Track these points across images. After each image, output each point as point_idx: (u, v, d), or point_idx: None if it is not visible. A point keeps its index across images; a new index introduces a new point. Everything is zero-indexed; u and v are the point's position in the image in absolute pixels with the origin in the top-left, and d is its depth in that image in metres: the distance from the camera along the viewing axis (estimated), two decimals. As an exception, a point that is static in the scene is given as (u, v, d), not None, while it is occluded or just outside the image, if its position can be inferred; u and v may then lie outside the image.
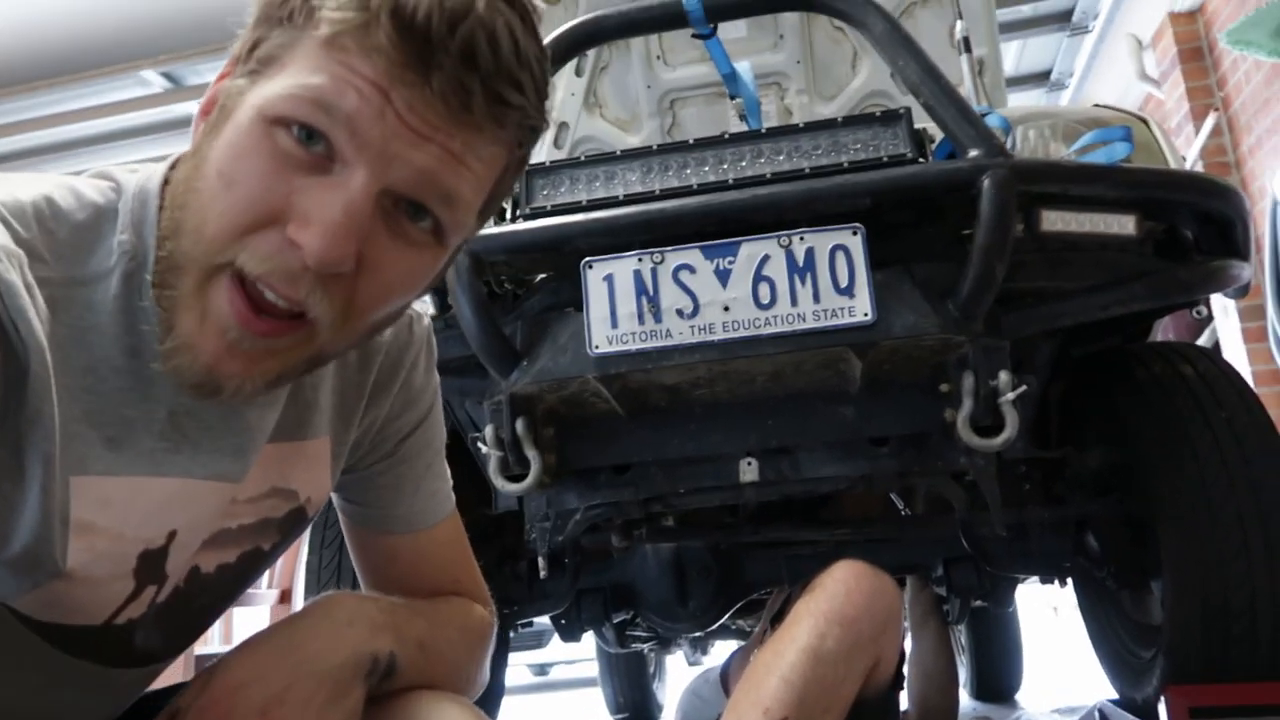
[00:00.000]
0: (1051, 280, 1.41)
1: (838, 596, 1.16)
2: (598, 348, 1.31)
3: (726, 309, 1.30)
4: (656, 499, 1.54)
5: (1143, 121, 1.62)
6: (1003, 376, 1.29)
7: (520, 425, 1.38)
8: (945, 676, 2.00)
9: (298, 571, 3.16)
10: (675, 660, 4.45)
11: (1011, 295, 1.37)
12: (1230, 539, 1.38)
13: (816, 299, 1.28)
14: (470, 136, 0.61)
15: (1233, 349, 4.16)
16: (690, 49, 2.58)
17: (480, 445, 1.42)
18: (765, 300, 1.29)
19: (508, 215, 1.53)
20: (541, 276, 1.48)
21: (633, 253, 1.32)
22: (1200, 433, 1.43)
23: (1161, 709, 1.39)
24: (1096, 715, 1.71)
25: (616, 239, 1.34)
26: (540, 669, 8.01)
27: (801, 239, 1.29)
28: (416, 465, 0.85)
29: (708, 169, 1.43)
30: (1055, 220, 1.35)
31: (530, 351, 1.38)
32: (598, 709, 3.84)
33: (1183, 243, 1.53)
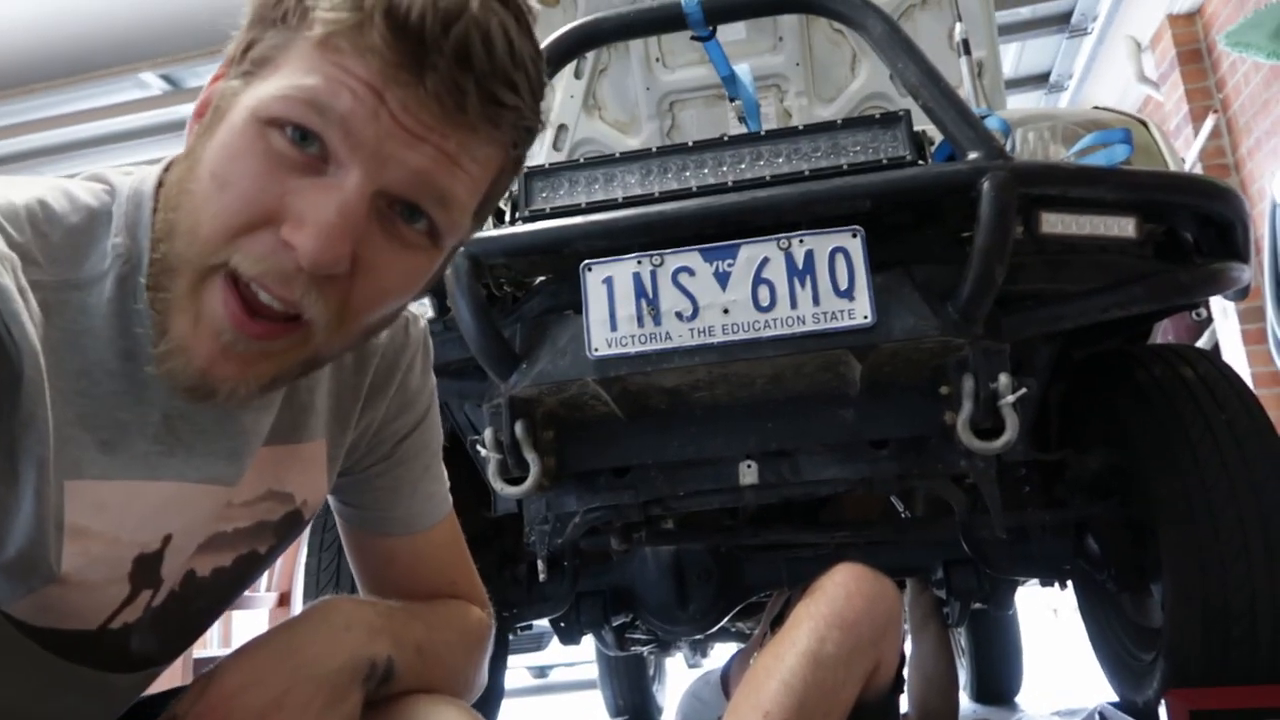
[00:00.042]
0: (1051, 282, 1.41)
1: (838, 600, 1.16)
2: (597, 350, 1.31)
3: (726, 311, 1.29)
4: (656, 502, 1.54)
5: (1142, 124, 1.62)
6: (1003, 379, 1.29)
7: (519, 428, 1.38)
8: (945, 679, 2.00)
9: (297, 574, 3.16)
10: (675, 663, 4.45)
11: (1011, 297, 1.37)
12: (1231, 541, 1.38)
13: (816, 301, 1.28)
14: (465, 137, 0.61)
15: (1232, 351, 4.16)
16: (689, 51, 2.58)
17: (479, 448, 1.42)
18: (765, 303, 1.29)
19: (507, 218, 1.53)
20: (541, 279, 1.48)
21: (632, 255, 1.32)
22: (1200, 435, 1.43)
23: (1162, 712, 1.39)
24: (1097, 718, 1.70)
25: (616, 241, 1.34)
26: (540, 671, 8.00)
27: (801, 241, 1.29)
28: (413, 467, 0.85)
29: (707, 171, 1.43)
30: (1055, 222, 1.35)
31: (529, 354, 1.37)
32: (597, 712, 3.84)
33: (1183, 245, 1.53)
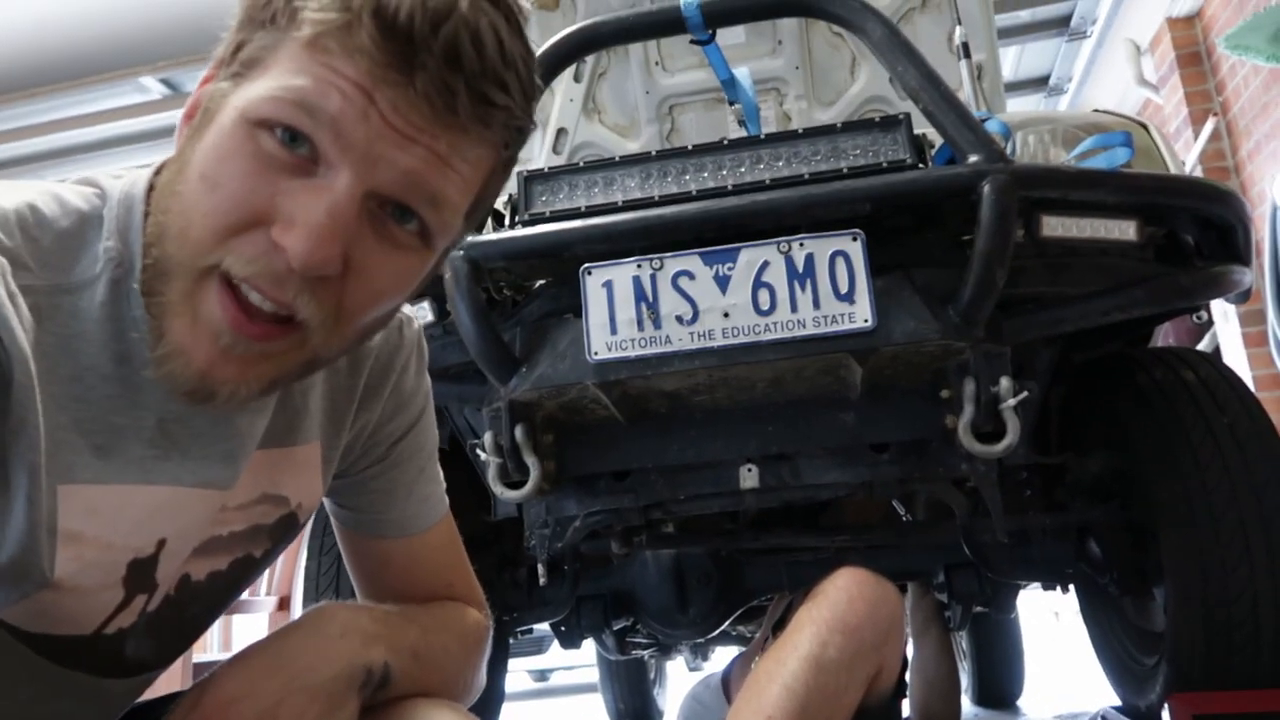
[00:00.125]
0: (1052, 286, 1.41)
1: (840, 604, 1.16)
2: (597, 354, 1.31)
3: (726, 315, 1.29)
4: (656, 505, 1.54)
5: (1142, 126, 1.62)
6: (1004, 382, 1.29)
7: (519, 432, 1.37)
8: (947, 683, 2.00)
9: (296, 578, 3.15)
10: (676, 666, 4.44)
11: (1012, 301, 1.36)
12: (1233, 545, 1.37)
13: (816, 305, 1.28)
14: (455, 138, 0.60)
15: (1233, 354, 4.16)
16: (689, 55, 2.58)
17: (479, 452, 1.41)
18: (765, 306, 1.29)
19: (507, 221, 1.53)
20: (540, 283, 1.48)
21: (632, 259, 1.32)
22: (1202, 438, 1.43)
23: (1165, 716, 1.38)
24: (1099, 722, 1.70)
25: (616, 245, 1.34)
26: (540, 675, 7.99)
27: (801, 245, 1.29)
28: (409, 469, 0.85)
29: (707, 175, 1.43)
30: (1056, 225, 1.35)
31: (529, 358, 1.37)
32: (598, 715, 3.83)
33: (1183, 248, 1.53)
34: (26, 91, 4.71)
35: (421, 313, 1.47)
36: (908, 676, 1.85)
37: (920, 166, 1.39)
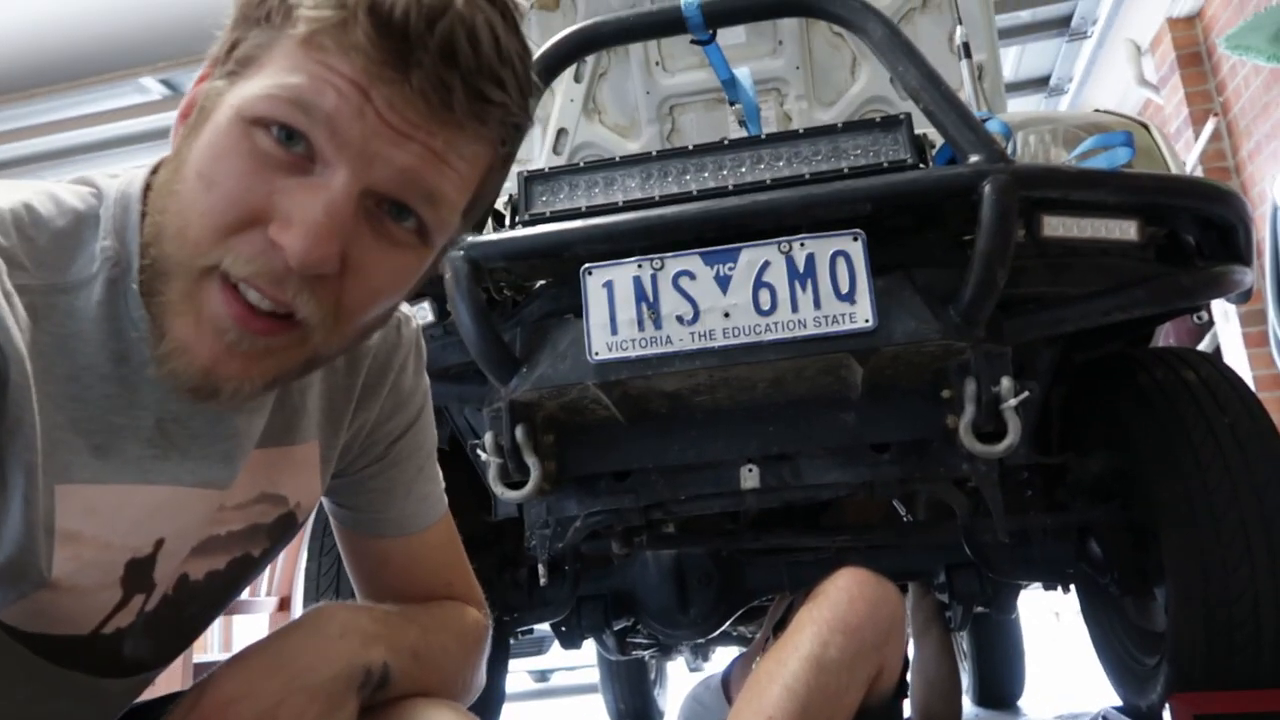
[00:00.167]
0: (1053, 286, 1.41)
1: (840, 604, 1.16)
2: (597, 354, 1.31)
3: (727, 315, 1.29)
4: (657, 506, 1.54)
5: (1143, 126, 1.62)
6: (1004, 382, 1.28)
7: (520, 432, 1.37)
8: (948, 684, 1.99)
9: (297, 579, 3.15)
10: (676, 667, 4.44)
11: (1013, 301, 1.36)
12: (1234, 545, 1.37)
13: (817, 305, 1.27)
14: (452, 135, 0.60)
15: (1234, 354, 4.16)
16: (689, 55, 2.58)
17: (480, 452, 1.41)
18: (766, 306, 1.29)
19: (507, 221, 1.53)
20: (541, 283, 1.48)
21: (633, 259, 1.32)
22: (1203, 438, 1.43)
23: (1166, 716, 1.38)
24: (1100, 722, 1.70)
25: (616, 245, 1.34)
26: (541, 675, 7.99)
27: (802, 245, 1.29)
28: (407, 468, 0.84)
29: (707, 175, 1.43)
30: (1057, 225, 1.35)
31: (530, 358, 1.37)
32: (599, 715, 3.83)
33: (1184, 248, 1.53)
34: (26, 92, 4.71)
35: (422, 313, 1.47)
36: (909, 677, 1.85)
37: (921, 166, 1.39)
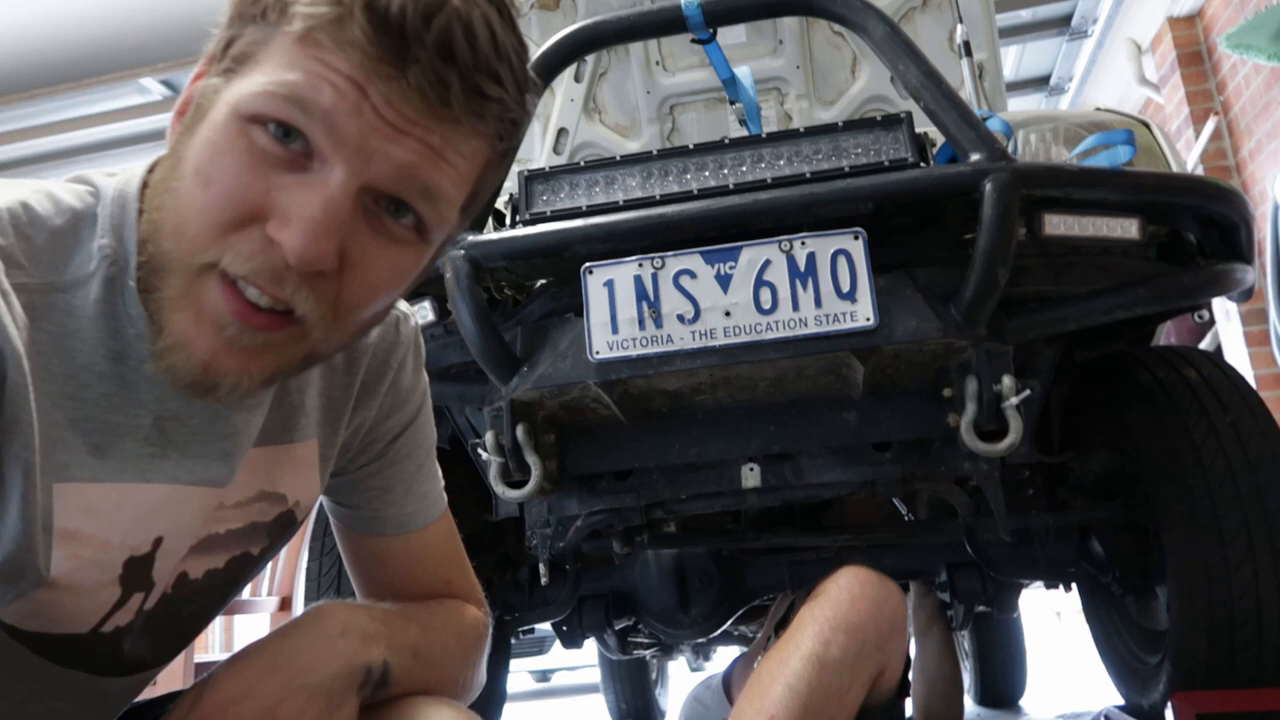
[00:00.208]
0: (1054, 284, 1.41)
1: (842, 603, 1.16)
2: (598, 353, 1.30)
3: (728, 314, 1.29)
4: (658, 505, 1.54)
5: (1144, 125, 1.61)
6: (1006, 381, 1.28)
7: (521, 431, 1.37)
8: (950, 683, 1.99)
9: (298, 578, 3.15)
10: (677, 666, 4.44)
11: (1014, 299, 1.36)
12: (1236, 544, 1.37)
13: (818, 304, 1.27)
14: (449, 130, 0.60)
15: (1235, 353, 4.15)
16: (689, 54, 2.58)
17: (480, 451, 1.41)
18: (767, 305, 1.29)
19: (507, 221, 1.53)
20: (541, 282, 1.48)
21: (633, 258, 1.32)
22: (1204, 437, 1.43)
23: (1168, 715, 1.38)
24: (1102, 721, 1.70)
25: (617, 244, 1.34)
26: (542, 675, 7.99)
27: (803, 244, 1.29)
28: (407, 466, 0.84)
29: (708, 174, 1.43)
30: (1058, 224, 1.35)
31: (530, 357, 1.37)
32: (600, 715, 3.83)
33: (1186, 246, 1.53)
34: (27, 93, 4.71)
35: (422, 312, 1.47)
36: (910, 676, 1.85)
37: (922, 165, 1.39)
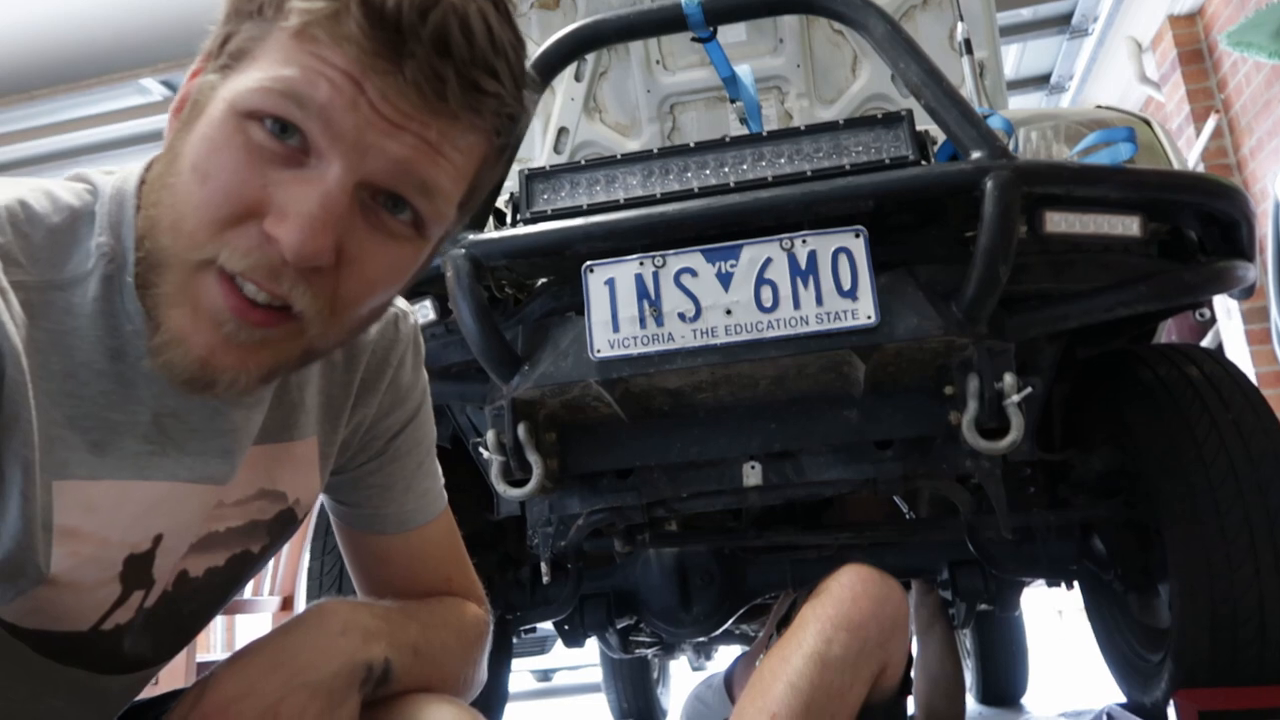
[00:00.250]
0: (1056, 282, 1.41)
1: (844, 601, 1.16)
2: (599, 352, 1.30)
3: (729, 312, 1.29)
4: (659, 503, 1.53)
5: (1145, 123, 1.61)
6: (1007, 379, 1.28)
7: (522, 430, 1.37)
8: (952, 682, 1.99)
9: (299, 578, 3.15)
10: (679, 666, 4.44)
11: (1016, 297, 1.36)
12: (1238, 541, 1.37)
13: (819, 302, 1.27)
14: (446, 125, 0.60)
15: (1236, 351, 4.15)
16: (690, 53, 2.58)
17: (482, 450, 1.41)
18: (768, 303, 1.29)
19: (508, 220, 1.53)
20: (542, 281, 1.48)
21: (634, 256, 1.32)
22: (1206, 435, 1.43)
23: (1170, 713, 1.38)
24: (1104, 719, 1.69)
25: (618, 243, 1.34)
26: (543, 675, 7.99)
27: (804, 242, 1.29)
28: (407, 464, 0.84)
29: (709, 172, 1.42)
30: (1059, 222, 1.35)
31: (531, 356, 1.37)
32: (601, 715, 3.83)
33: (1187, 244, 1.53)
34: (27, 94, 4.71)
35: (423, 311, 1.47)
36: (912, 674, 1.85)
37: (923, 163, 1.39)
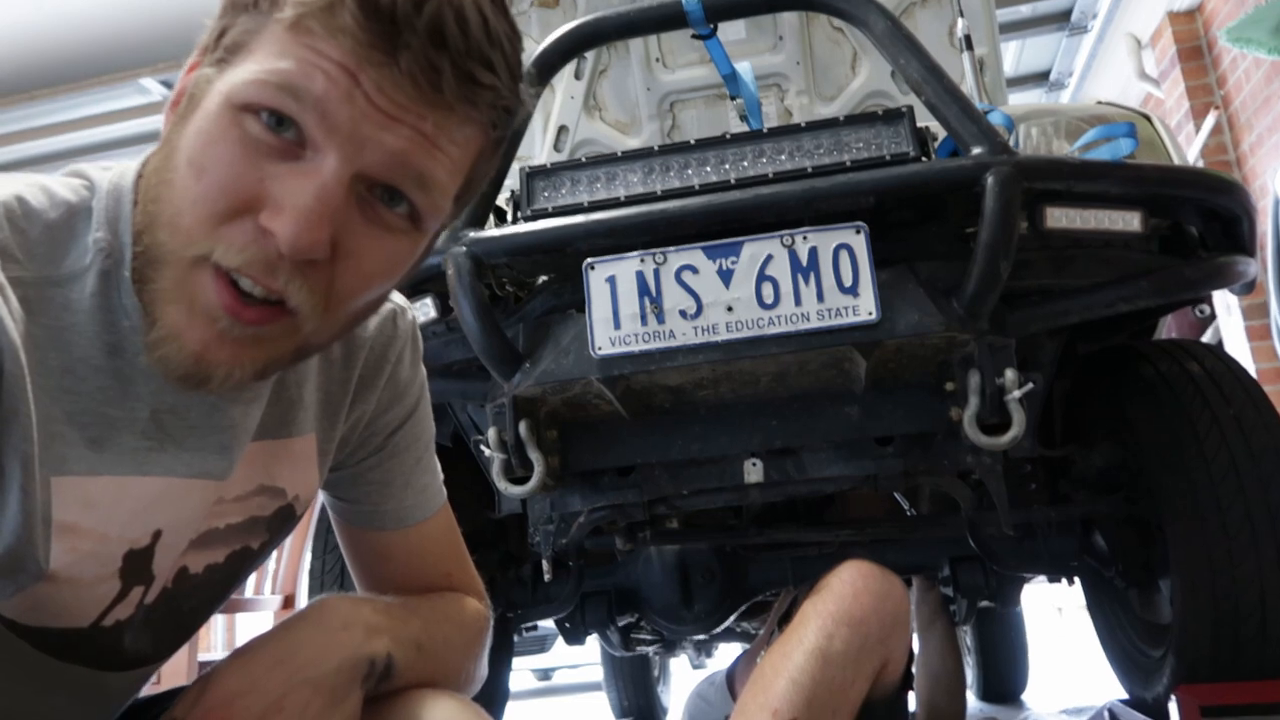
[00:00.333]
0: (1057, 278, 1.41)
1: (845, 597, 1.16)
2: (600, 349, 1.30)
3: (730, 309, 1.29)
4: (660, 501, 1.53)
5: (1145, 118, 1.61)
6: (1008, 374, 1.28)
7: (523, 428, 1.37)
8: (953, 678, 1.99)
9: (300, 576, 3.15)
10: (679, 664, 4.44)
11: (1016, 293, 1.36)
12: (1239, 536, 1.37)
13: (820, 298, 1.27)
14: (442, 117, 0.60)
15: (1236, 347, 4.15)
16: (689, 51, 2.58)
17: (483, 448, 1.41)
18: (769, 300, 1.29)
19: (509, 217, 1.53)
20: (543, 279, 1.48)
21: (635, 253, 1.32)
22: (1207, 430, 1.42)
23: (1172, 708, 1.38)
24: (1106, 715, 1.70)
25: (619, 240, 1.34)
26: (544, 674, 7.99)
27: (805, 238, 1.29)
28: (405, 460, 0.85)
29: (709, 169, 1.42)
30: (1060, 217, 1.34)
31: (533, 354, 1.37)
32: (602, 713, 3.83)
33: (1188, 239, 1.53)
34: (26, 94, 4.71)
35: (424, 309, 1.47)
36: (914, 669, 1.85)
37: (923, 159, 1.39)
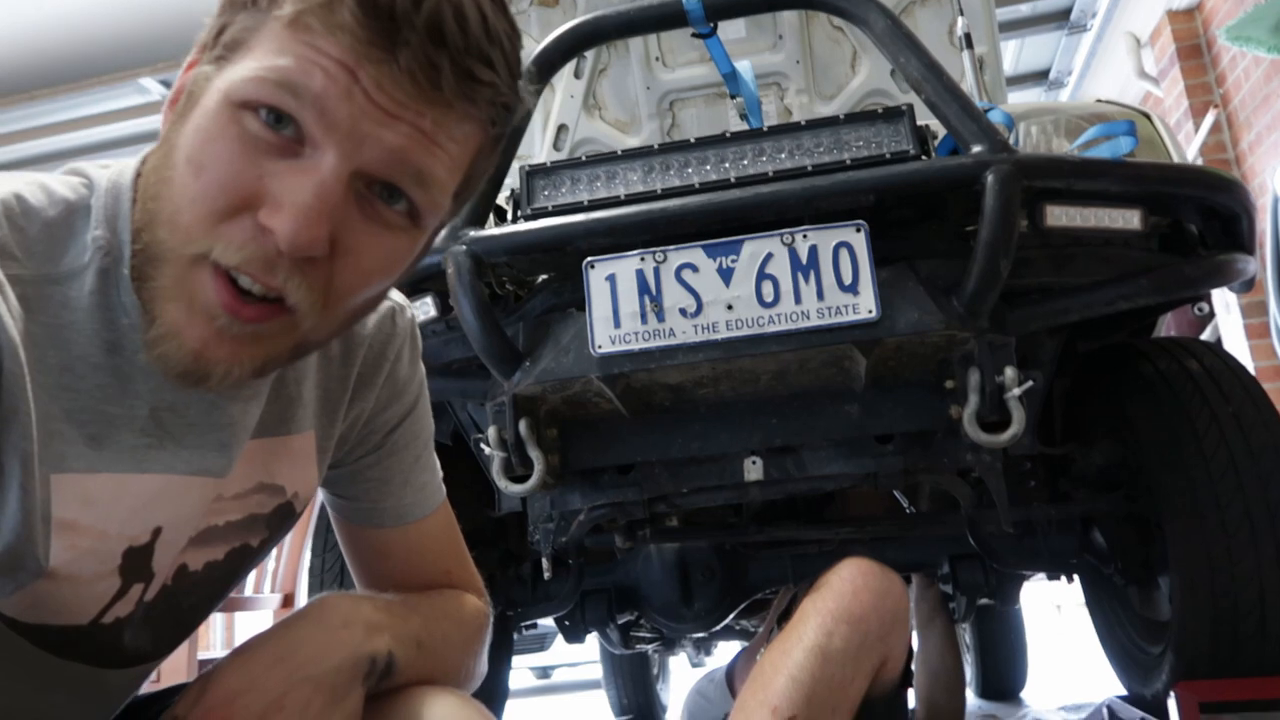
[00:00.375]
0: (1056, 276, 1.41)
1: (845, 595, 1.16)
2: (600, 348, 1.31)
3: (730, 307, 1.29)
4: (660, 499, 1.54)
5: (1145, 116, 1.61)
6: (1008, 372, 1.28)
7: (523, 426, 1.37)
8: (952, 676, 1.99)
9: (300, 575, 3.15)
10: (678, 662, 4.44)
11: (1016, 291, 1.36)
12: (1238, 534, 1.37)
13: (820, 296, 1.27)
14: (441, 114, 0.60)
15: (1235, 345, 4.15)
16: (689, 50, 2.58)
17: (483, 446, 1.41)
18: (769, 298, 1.29)
19: (509, 216, 1.53)
20: (543, 277, 1.48)
21: (635, 252, 1.32)
22: (1207, 428, 1.43)
23: (1171, 705, 1.38)
24: (1105, 712, 1.70)
25: (619, 239, 1.34)
26: (543, 672, 7.99)
27: (805, 236, 1.29)
28: (404, 458, 0.85)
29: (709, 168, 1.43)
30: (1060, 215, 1.35)
31: (533, 352, 1.37)
32: (602, 712, 3.83)
33: (1188, 237, 1.53)
34: (26, 94, 4.71)
35: (424, 308, 1.47)
36: (913, 667, 1.85)
37: (923, 157, 1.39)
